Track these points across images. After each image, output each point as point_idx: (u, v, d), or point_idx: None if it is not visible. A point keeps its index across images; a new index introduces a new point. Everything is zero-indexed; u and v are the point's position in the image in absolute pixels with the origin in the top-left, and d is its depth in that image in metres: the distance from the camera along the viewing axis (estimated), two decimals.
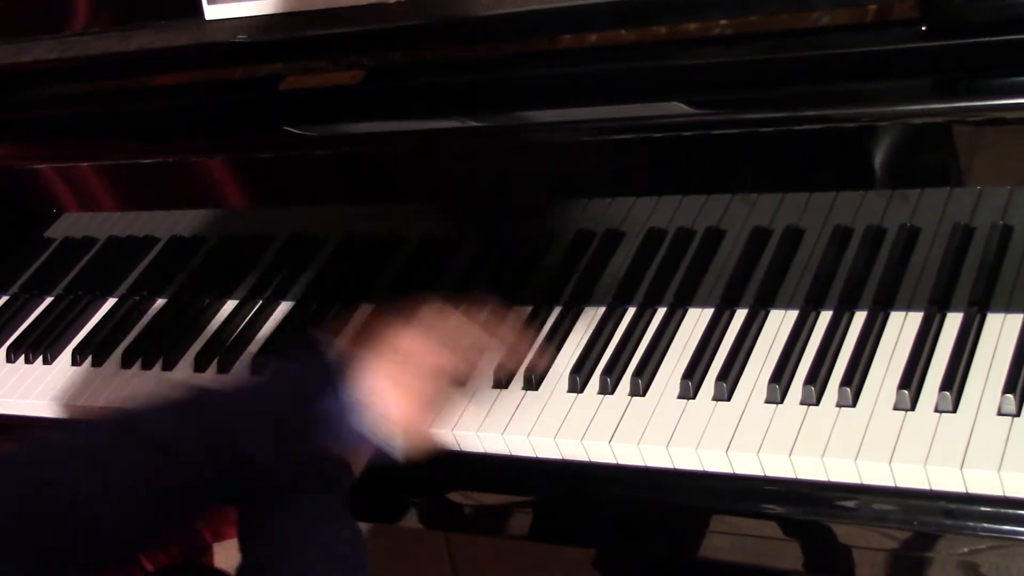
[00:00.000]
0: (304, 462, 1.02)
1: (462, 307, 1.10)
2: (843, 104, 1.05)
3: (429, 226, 1.32)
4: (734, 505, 1.05)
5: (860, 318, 1.10)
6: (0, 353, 1.47)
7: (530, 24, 1.16)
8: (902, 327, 1.09)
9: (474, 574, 1.48)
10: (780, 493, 1.03)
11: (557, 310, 1.24)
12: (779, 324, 1.14)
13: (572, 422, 1.11)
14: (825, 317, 1.12)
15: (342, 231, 1.36)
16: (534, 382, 1.16)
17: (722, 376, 1.09)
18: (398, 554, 0.99)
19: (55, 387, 1.39)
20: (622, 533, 1.15)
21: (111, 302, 1.49)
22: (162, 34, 1.32)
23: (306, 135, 1.26)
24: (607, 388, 1.13)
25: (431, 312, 1.08)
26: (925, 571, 1.02)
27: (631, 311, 1.21)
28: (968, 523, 0.96)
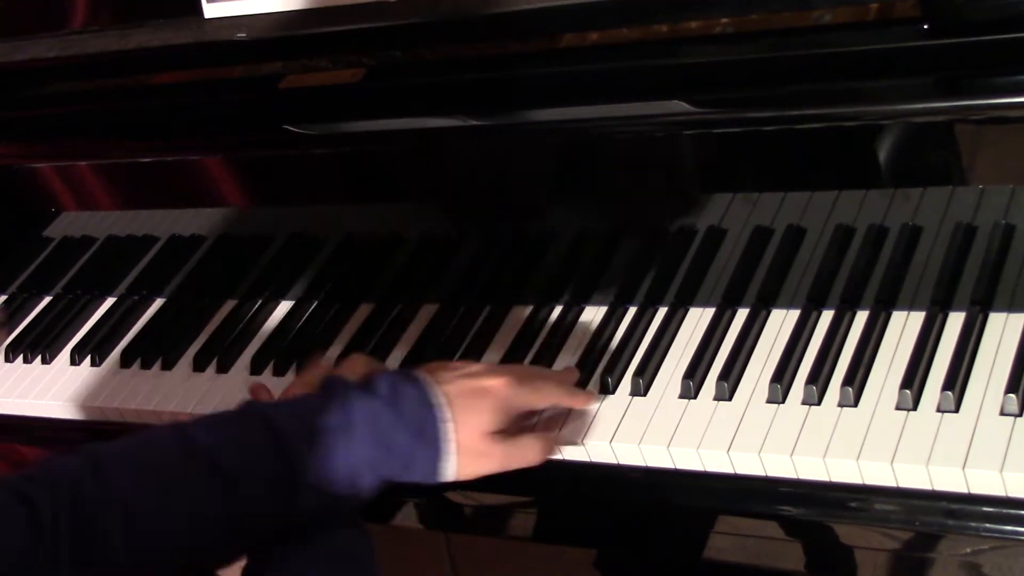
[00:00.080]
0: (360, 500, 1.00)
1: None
2: (845, 103, 1.05)
3: (429, 225, 1.32)
4: (735, 505, 1.05)
5: (862, 318, 1.10)
6: None
7: (531, 22, 1.16)
8: (904, 327, 1.08)
9: (474, 574, 1.48)
10: (782, 493, 1.02)
11: (558, 309, 1.24)
12: (781, 324, 1.13)
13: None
14: (827, 316, 1.12)
15: (342, 230, 1.36)
16: None
17: (723, 376, 1.09)
18: (398, 554, 0.99)
19: (53, 387, 1.38)
20: (623, 533, 1.14)
21: (110, 301, 1.49)
22: (161, 32, 1.32)
23: (306, 134, 1.26)
24: (608, 388, 1.13)
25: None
26: (927, 571, 1.01)
27: (632, 310, 1.20)
28: (970, 523, 0.96)
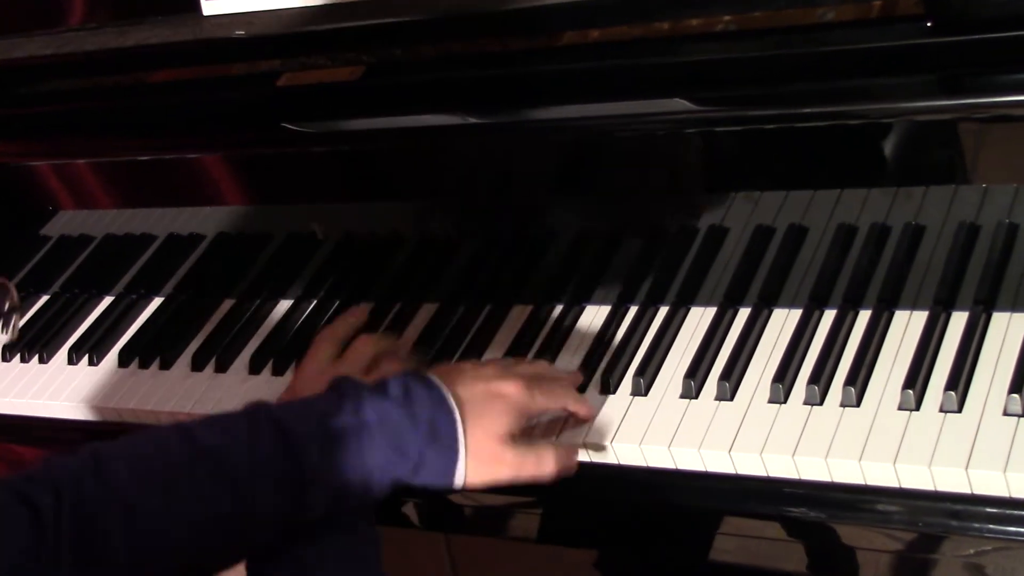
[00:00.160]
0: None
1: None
2: (847, 101, 1.05)
3: (429, 224, 1.31)
4: (737, 506, 1.05)
5: (864, 317, 1.10)
6: None
7: (531, 19, 1.16)
8: (907, 326, 1.08)
9: (474, 575, 1.48)
10: (783, 494, 1.02)
11: (558, 309, 1.23)
12: (782, 323, 1.13)
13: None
14: (829, 316, 1.12)
15: (341, 229, 1.36)
16: None
17: (725, 375, 1.09)
18: (398, 554, 0.99)
19: (51, 386, 1.38)
20: (623, 534, 1.14)
21: (108, 300, 1.49)
22: (159, 30, 1.31)
23: (304, 132, 1.26)
24: (609, 388, 1.12)
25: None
26: (930, 573, 1.01)
27: (633, 310, 1.20)
28: (973, 524, 0.96)
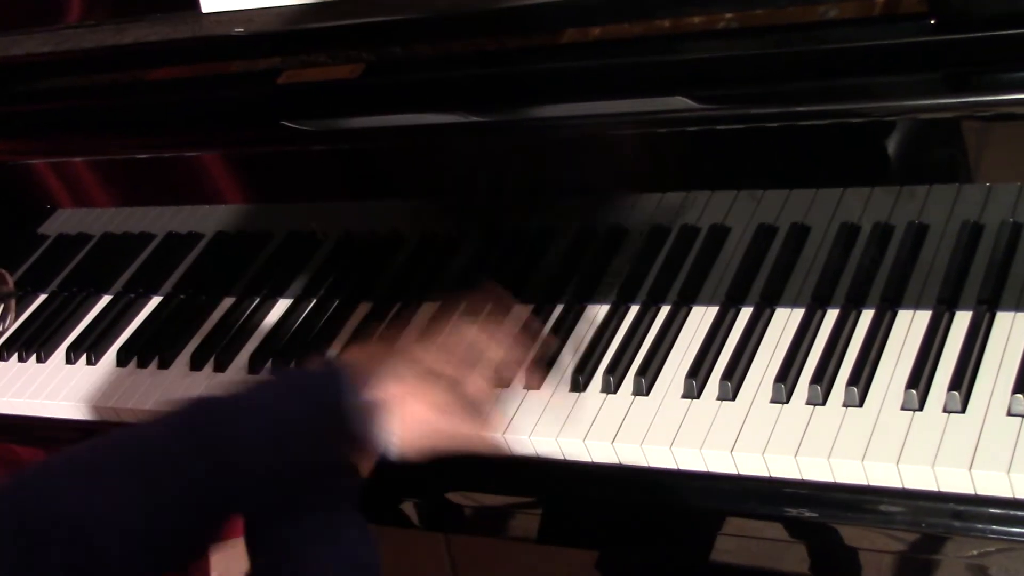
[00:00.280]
0: (310, 467, 1.00)
1: (464, 308, 1.10)
2: (850, 99, 1.04)
3: (429, 223, 1.31)
4: (739, 506, 1.04)
5: (867, 317, 1.10)
6: None
7: (532, 17, 1.16)
8: (910, 326, 1.08)
9: (474, 575, 1.48)
10: (786, 494, 1.02)
11: (559, 308, 1.23)
12: (785, 323, 1.13)
13: (575, 422, 1.10)
14: (832, 316, 1.11)
15: (341, 228, 1.35)
16: (536, 382, 1.15)
17: (727, 375, 1.08)
18: (398, 555, 0.99)
19: (49, 386, 1.38)
20: (624, 534, 1.14)
21: (106, 299, 1.48)
22: (158, 27, 1.31)
23: (304, 130, 1.26)
24: (610, 387, 1.12)
25: (447, 326, 1.08)
26: (933, 574, 1.01)
27: (634, 309, 1.20)
28: (977, 525, 0.95)
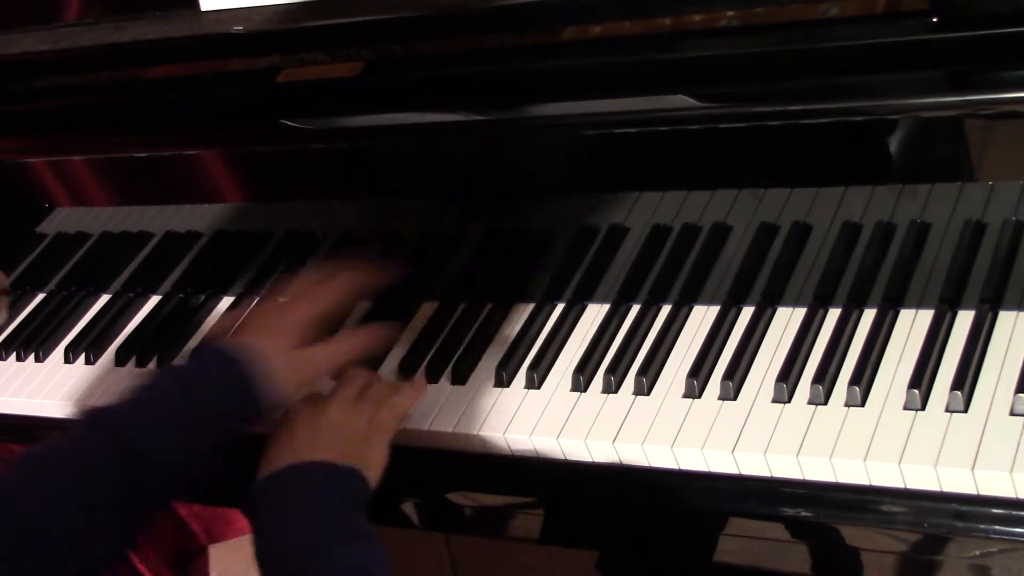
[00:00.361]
0: (219, 450, 1.06)
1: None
2: (852, 97, 1.04)
3: (428, 222, 1.31)
4: (740, 506, 1.04)
5: (869, 316, 1.09)
6: None
7: (532, 15, 1.15)
8: (912, 325, 1.08)
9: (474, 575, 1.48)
10: (787, 494, 1.01)
11: (560, 307, 1.23)
12: (786, 322, 1.13)
13: (575, 421, 1.10)
14: (833, 315, 1.11)
15: (340, 226, 1.35)
16: (536, 381, 1.15)
17: (728, 375, 1.08)
18: (398, 555, 0.99)
19: (47, 385, 1.37)
20: (625, 535, 1.14)
21: (104, 299, 1.48)
22: (157, 25, 1.31)
23: (303, 128, 1.26)
24: (611, 387, 1.12)
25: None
26: (935, 574, 1.01)
27: (635, 308, 1.20)
28: (979, 525, 0.95)
